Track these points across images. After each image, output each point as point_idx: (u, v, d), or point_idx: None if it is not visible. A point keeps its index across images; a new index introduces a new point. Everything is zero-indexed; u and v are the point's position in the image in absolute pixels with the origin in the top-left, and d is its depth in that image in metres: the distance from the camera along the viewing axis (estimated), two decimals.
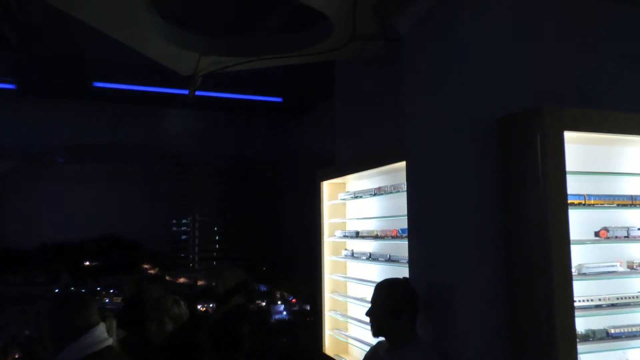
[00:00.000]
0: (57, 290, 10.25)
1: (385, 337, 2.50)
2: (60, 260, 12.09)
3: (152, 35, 3.45)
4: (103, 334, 2.21)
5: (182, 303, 3.18)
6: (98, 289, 10.13)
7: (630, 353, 2.34)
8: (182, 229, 12.06)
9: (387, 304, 2.41)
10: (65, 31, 6.70)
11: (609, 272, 2.31)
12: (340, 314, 4.28)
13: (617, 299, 2.28)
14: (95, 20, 3.24)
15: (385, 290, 2.47)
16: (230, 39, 3.93)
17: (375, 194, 3.70)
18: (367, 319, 2.50)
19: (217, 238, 11.86)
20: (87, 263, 12.43)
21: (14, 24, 6.54)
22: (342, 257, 4.26)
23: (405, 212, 2.95)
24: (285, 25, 5.88)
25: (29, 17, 6.36)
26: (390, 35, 3.45)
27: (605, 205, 2.36)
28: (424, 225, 2.79)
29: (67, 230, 12.32)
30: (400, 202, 3.17)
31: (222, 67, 4.01)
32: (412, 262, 2.87)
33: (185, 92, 4.46)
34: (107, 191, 12.66)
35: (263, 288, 10.70)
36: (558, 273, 2.01)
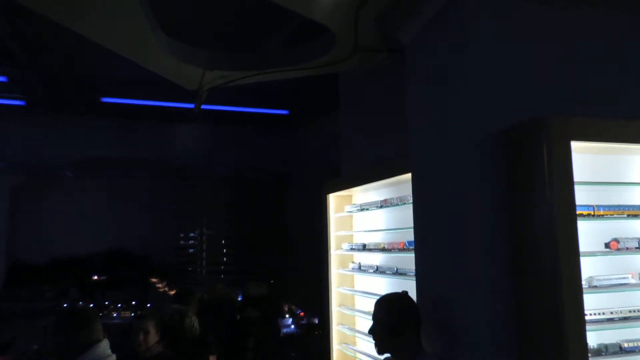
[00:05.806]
0: (65, 305, 10.27)
1: (390, 354, 2.45)
2: (69, 274, 12.14)
3: (156, 51, 3.47)
4: (106, 351, 2.21)
5: (192, 317, 3.15)
6: (106, 303, 10.12)
7: None
8: (190, 242, 12.07)
9: (388, 320, 2.36)
10: (72, 48, 6.79)
11: (621, 284, 2.26)
12: (348, 328, 4.23)
13: (630, 312, 2.23)
14: (99, 37, 3.26)
15: (384, 306, 2.42)
16: (234, 53, 3.94)
17: (381, 206, 3.67)
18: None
19: (224, 251, 11.84)
20: (96, 277, 12.46)
21: (21, 41, 6.63)
22: (350, 270, 4.22)
23: (412, 225, 2.92)
24: (288, 39, 5.91)
25: (36, 34, 6.45)
26: (393, 46, 3.44)
27: (615, 215, 2.31)
28: (430, 237, 2.76)
29: (75, 244, 12.39)
30: (406, 214, 3.14)
31: (227, 81, 4.02)
32: (419, 275, 2.83)
33: (191, 106, 4.48)
34: (115, 205, 12.75)
35: None
36: (568, 286, 1.97)
